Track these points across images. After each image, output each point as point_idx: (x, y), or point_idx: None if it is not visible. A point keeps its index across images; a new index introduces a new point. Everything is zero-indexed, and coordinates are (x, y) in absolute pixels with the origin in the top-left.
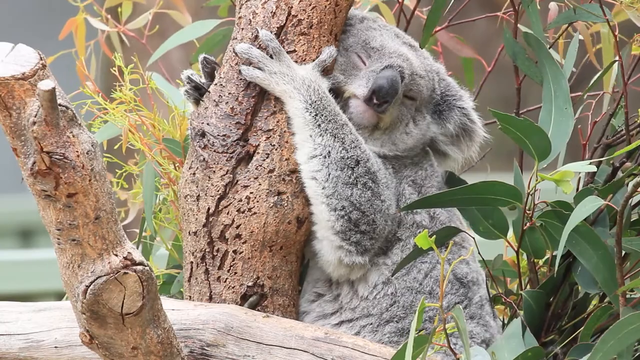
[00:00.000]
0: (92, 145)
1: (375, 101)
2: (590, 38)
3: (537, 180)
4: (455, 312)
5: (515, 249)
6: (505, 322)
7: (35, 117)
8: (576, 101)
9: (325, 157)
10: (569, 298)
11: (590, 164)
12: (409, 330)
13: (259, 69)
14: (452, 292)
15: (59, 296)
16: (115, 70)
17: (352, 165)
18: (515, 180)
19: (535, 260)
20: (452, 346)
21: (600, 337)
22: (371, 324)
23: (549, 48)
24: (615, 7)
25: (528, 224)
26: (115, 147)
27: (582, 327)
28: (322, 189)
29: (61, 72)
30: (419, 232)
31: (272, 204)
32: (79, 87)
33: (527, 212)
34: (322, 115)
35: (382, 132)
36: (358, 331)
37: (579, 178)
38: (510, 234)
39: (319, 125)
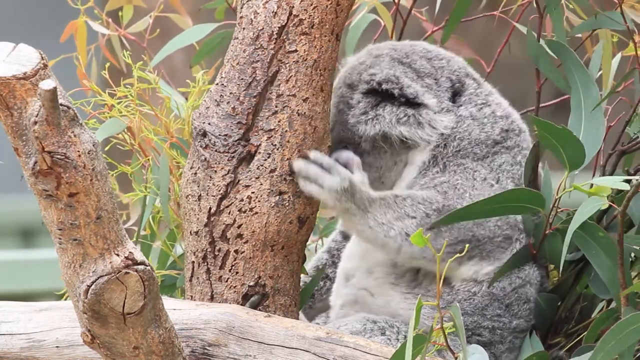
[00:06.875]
0: (93, 145)
1: None
2: (588, 41)
3: (564, 189)
4: (453, 311)
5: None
6: None
7: (36, 116)
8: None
9: (405, 239)
10: (577, 302)
11: (604, 169)
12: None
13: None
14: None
15: (60, 296)
16: (105, 74)
17: (424, 222)
18: (544, 186)
19: (549, 265)
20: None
21: (602, 337)
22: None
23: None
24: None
25: (549, 230)
26: (107, 147)
27: (587, 330)
28: (423, 251)
29: (61, 72)
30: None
31: (273, 204)
32: (79, 88)
33: (550, 219)
34: (377, 214)
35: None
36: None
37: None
38: None
39: (382, 224)
